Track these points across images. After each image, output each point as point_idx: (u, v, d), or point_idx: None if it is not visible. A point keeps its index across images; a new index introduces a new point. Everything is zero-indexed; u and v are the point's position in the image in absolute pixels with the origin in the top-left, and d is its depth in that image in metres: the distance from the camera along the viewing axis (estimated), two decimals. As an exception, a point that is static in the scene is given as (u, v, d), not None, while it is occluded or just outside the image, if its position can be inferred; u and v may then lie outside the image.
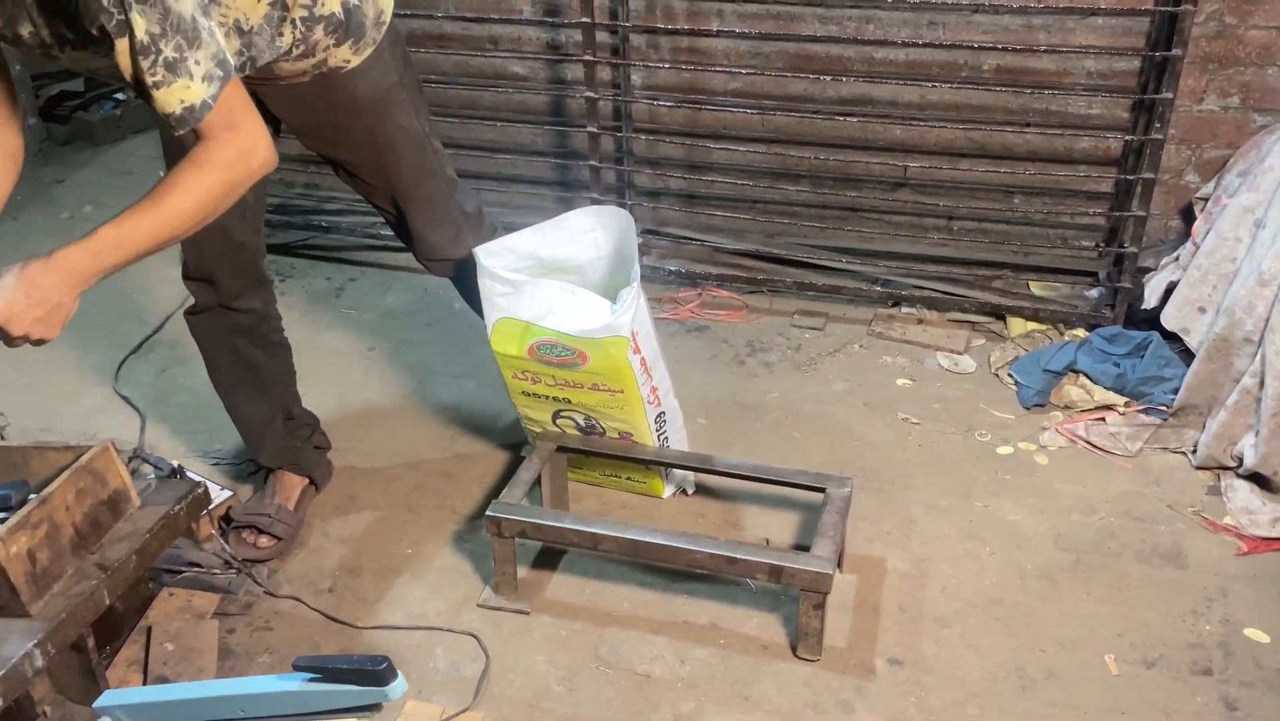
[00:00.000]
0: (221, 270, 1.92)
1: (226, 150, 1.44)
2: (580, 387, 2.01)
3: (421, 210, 1.95)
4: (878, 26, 2.76)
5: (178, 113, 1.39)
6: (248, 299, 1.99)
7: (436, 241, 2.00)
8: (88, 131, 4.24)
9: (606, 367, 1.95)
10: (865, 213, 2.98)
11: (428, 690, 1.79)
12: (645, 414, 2.04)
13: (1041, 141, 2.78)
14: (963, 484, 2.25)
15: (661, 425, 2.09)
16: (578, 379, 1.99)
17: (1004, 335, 2.75)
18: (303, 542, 2.13)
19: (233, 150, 1.44)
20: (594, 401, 2.03)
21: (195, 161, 1.43)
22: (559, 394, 2.05)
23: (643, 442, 2.10)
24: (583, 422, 2.10)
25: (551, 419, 2.12)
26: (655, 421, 2.07)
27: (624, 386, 1.98)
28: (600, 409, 2.05)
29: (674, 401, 2.14)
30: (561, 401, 2.06)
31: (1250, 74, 2.58)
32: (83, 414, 2.56)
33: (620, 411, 2.03)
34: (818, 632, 1.81)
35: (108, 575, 1.66)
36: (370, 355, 2.79)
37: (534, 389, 2.06)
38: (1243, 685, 1.77)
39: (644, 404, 2.02)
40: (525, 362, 2.00)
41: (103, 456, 1.74)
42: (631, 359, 1.94)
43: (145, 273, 3.20)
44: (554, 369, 1.99)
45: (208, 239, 1.75)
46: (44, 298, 1.41)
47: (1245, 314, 2.19)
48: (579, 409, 2.07)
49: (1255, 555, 2.04)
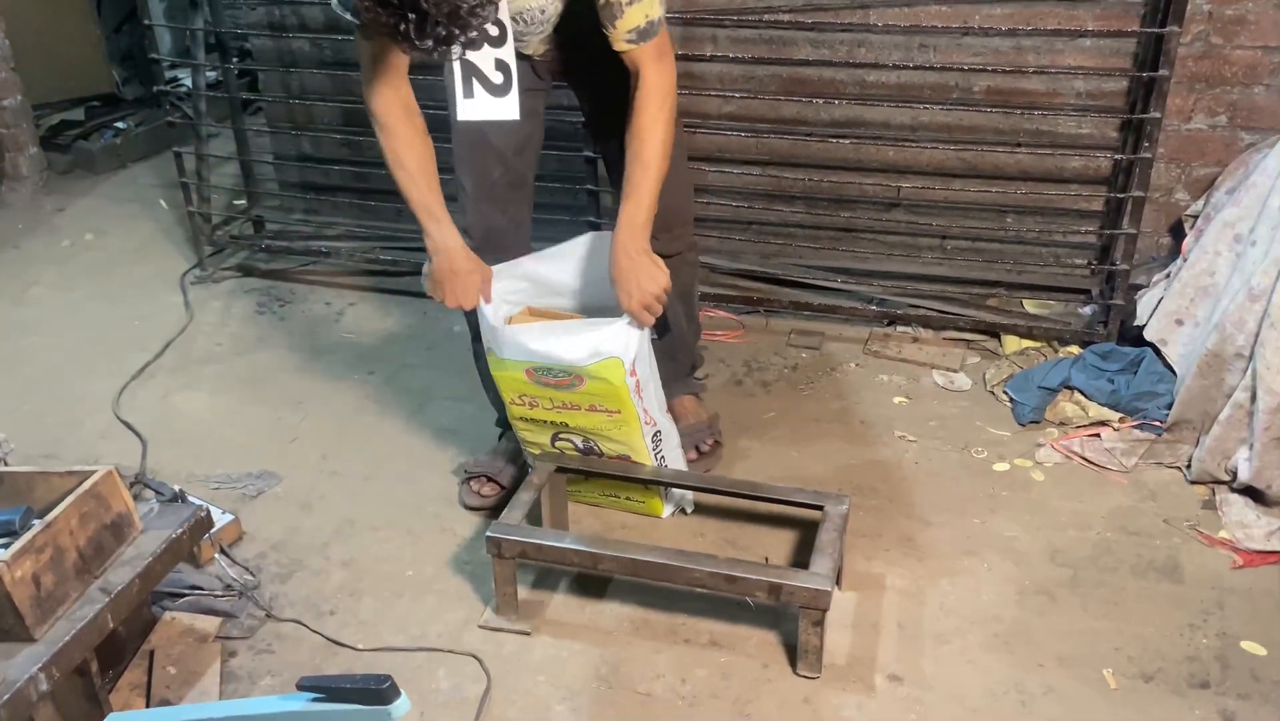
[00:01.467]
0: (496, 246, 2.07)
1: (664, 79, 1.80)
2: (578, 410, 2.03)
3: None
4: (869, 50, 2.80)
5: (642, 25, 1.74)
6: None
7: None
8: (88, 160, 4.28)
9: (603, 390, 1.96)
10: (860, 233, 3.00)
11: (430, 711, 1.80)
12: (642, 434, 2.05)
13: (1032, 161, 2.81)
14: (960, 500, 2.27)
15: (658, 443, 2.11)
16: (575, 400, 2.01)
17: (999, 353, 2.77)
18: (304, 565, 2.14)
19: (667, 80, 1.81)
20: (591, 424, 2.05)
21: (654, 99, 1.79)
22: (556, 417, 2.06)
23: (640, 461, 2.11)
24: (581, 445, 2.12)
25: (550, 441, 2.14)
26: (652, 441, 2.09)
27: (620, 407, 2.00)
28: (598, 431, 2.06)
29: (668, 420, 2.16)
30: (559, 425, 2.08)
31: (1237, 93, 2.61)
32: (85, 440, 2.58)
33: (618, 432, 2.05)
34: (817, 650, 1.82)
35: (111, 599, 1.67)
36: (370, 378, 2.81)
37: (531, 414, 2.08)
38: (1240, 697, 1.78)
39: (641, 424, 2.03)
40: (523, 385, 2.02)
41: (106, 481, 1.75)
42: (628, 381, 1.96)
43: (146, 300, 3.23)
44: (551, 390, 2.00)
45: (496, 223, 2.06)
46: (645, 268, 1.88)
47: (1236, 329, 2.22)
48: (577, 432, 2.09)
49: (1251, 568, 2.06)
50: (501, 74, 1.77)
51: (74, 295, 3.32)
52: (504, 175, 2.07)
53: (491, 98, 1.78)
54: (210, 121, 3.43)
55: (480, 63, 1.76)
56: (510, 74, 1.78)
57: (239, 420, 2.65)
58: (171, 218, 3.80)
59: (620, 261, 1.89)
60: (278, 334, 3.06)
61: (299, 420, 2.63)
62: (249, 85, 3.85)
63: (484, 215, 2.09)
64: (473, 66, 1.77)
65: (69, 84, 4.59)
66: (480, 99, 1.78)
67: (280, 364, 2.90)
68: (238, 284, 3.34)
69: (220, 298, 3.27)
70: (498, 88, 1.79)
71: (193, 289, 3.31)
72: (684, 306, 2.31)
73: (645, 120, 1.82)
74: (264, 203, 3.60)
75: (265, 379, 2.83)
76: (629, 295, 1.90)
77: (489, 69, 1.77)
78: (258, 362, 2.91)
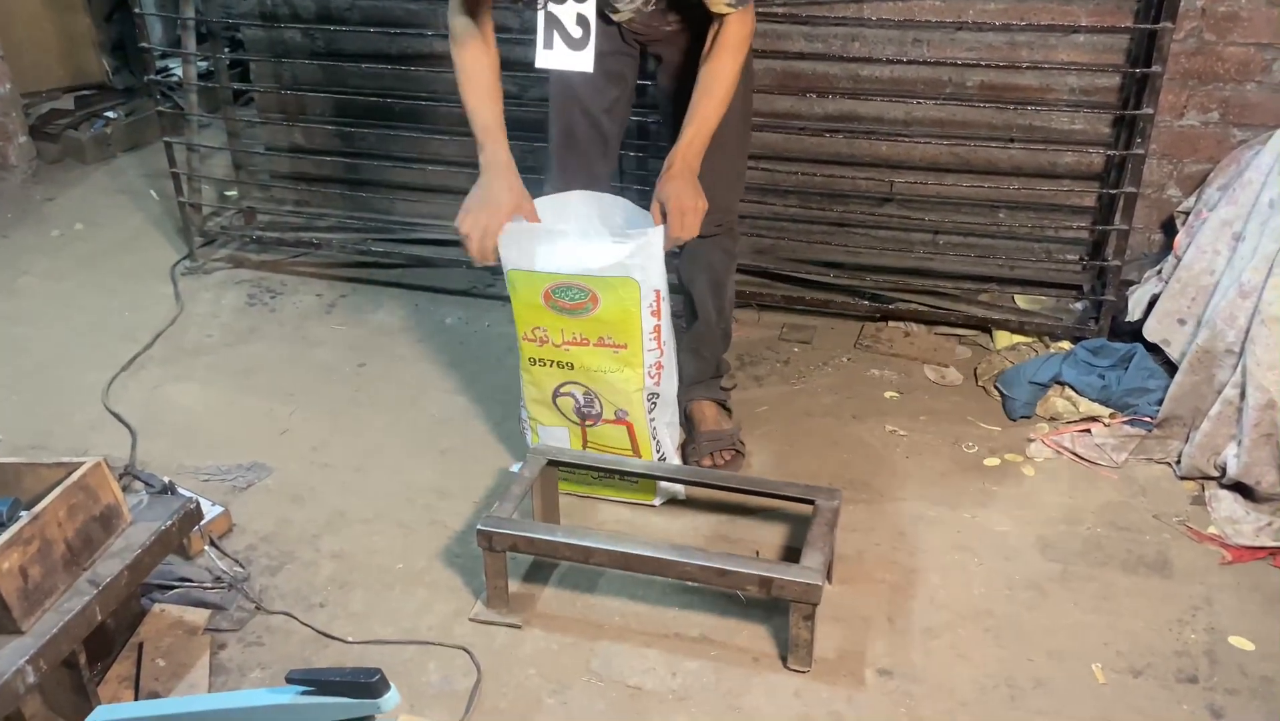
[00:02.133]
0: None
1: (745, 28, 1.93)
2: (586, 344, 2.04)
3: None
4: (863, 44, 2.80)
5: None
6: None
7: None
8: (78, 150, 4.25)
9: (615, 317, 1.99)
10: (852, 227, 3.00)
11: (420, 704, 1.80)
12: (643, 384, 2.06)
13: (1025, 157, 2.81)
14: (951, 495, 2.27)
15: (653, 404, 2.11)
16: (585, 331, 2.02)
17: (990, 348, 2.78)
18: (294, 557, 2.14)
19: (748, 28, 1.94)
20: (596, 364, 2.06)
21: (728, 48, 1.93)
22: (564, 357, 2.08)
23: (636, 421, 2.12)
24: (581, 400, 2.12)
25: (552, 397, 2.14)
26: (649, 399, 2.09)
27: (628, 340, 2.01)
28: (601, 375, 2.07)
29: (672, 391, 2.16)
30: (565, 367, 2.09)
31: (1229, 90, 2.62)
32: (75, 431, 2.56)
33: (619, 378, 2.06)
34: (808, 644, 1.83)
35: (99, 591, 1.66)
36: (362, 371, 2.80)
37: (540, 352, 2.09)
38: (1228, 693, 1.79)
39: (644, 369, 2.05)
40: (540, 312, 2.04)
41: (95, 473, 1.75)
42: (643, 305, 1.98)
43: (136, 291, 3.22)
44: (565, 317, 2.02)
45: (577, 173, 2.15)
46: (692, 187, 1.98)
47: (1226, 325, 2.22)
48: (580, 379, 2.09)
49: (1239, 564, 2.06)
50: (581, 29, 1.86)
51: (64, 286, 3.30)
52: (589, 131, 2.16)
53: (569, 50, 1.87)
54: (201, 112, 3.41)
55: (563, 16, 1.84)
56: (589, 30, 1.87)
57: (229, 412, 2.64)
58: (162, 208, 3.78)
59: (669, 177, 1.97)
60: (269, 325, 3.04)
61: (290, 412, 2.63)
62: (240, 75, 3.82)
63: (564, 166, 2.18)
64: (555, 19, 1.85)
65: (59, 73, 4.56)
66: (558, 50, 1.87)
67: (271, 355, 2.89)
68: (228, 275, 3.33)
69: (211, 289, 3.25)
70: (576, 41, 1.87)
71: (183, 280, 3.29)
72: (714, 299, 2.32)
73: (724, 60, 1.94)
74: (255, 194, 3.58)
75: (256, 370, 2.82)
76: (671, 202, 1.95)
77: (570, 23, 1.85)
78: (248, 354, 2.90)
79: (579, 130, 2.16)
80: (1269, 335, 2.13)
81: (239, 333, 3.01)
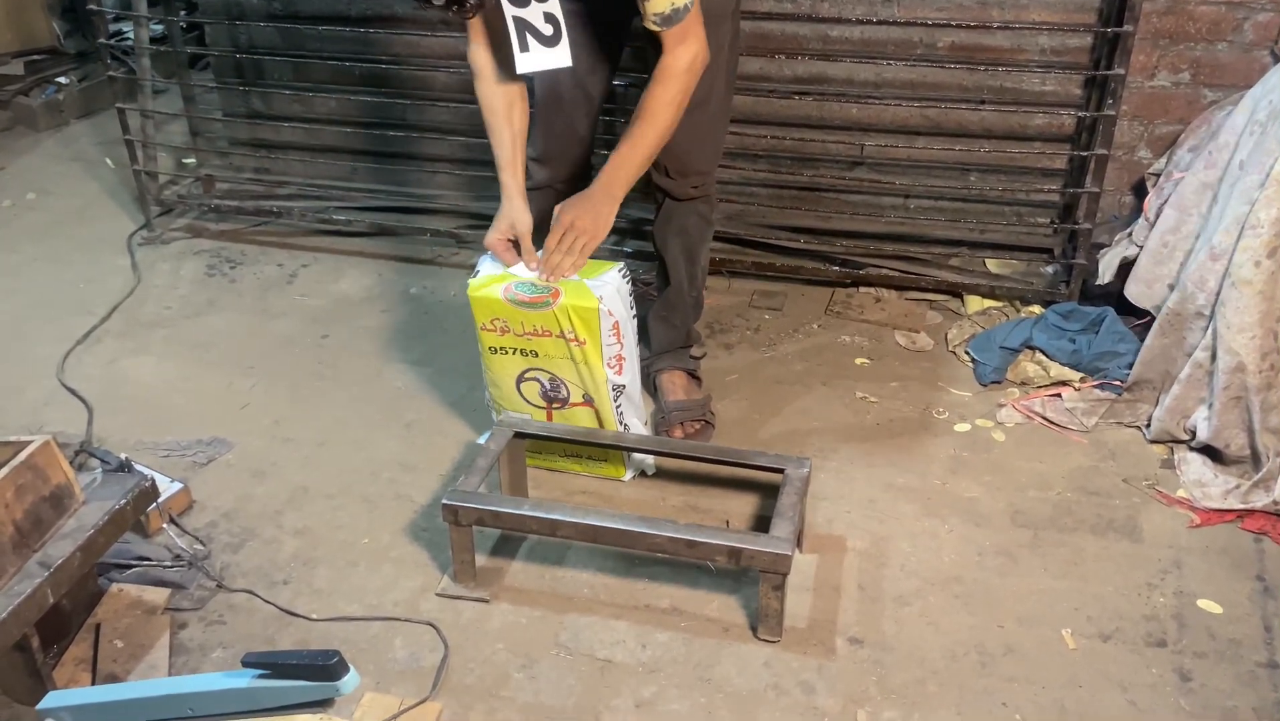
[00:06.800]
0: (560, 157, 2.23)
1: (678, 61, 1.90)
2: (548, 336, 2.01)
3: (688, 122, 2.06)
4: (833, 4, 2.75)
5: (667, 11, 1.84)
6: (574, 182, 2.22)
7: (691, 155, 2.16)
8: (29, 116, 4.13)
9: (577, 306, 1.96)
10: (823, 192, 2.97)
11: (386, 681, 1.77)
12: (605, 376, 2.03)
13: (996, 119, 2.79)
14: (921, 462, 2.26)
15: (619, 396, 2.08)
16: (546, 324, 1.99)
17: (961, 313, 2.76)
18: (256, 534, 2.10)
19: (682, 61, 1.90)
20: (559, 353, 2.03)
21: (663, 78, 1.91)
22: (526, 345, 2.04)
23: (602, 408, 2.09)
24: (547, 385, 2.08)
25: (516, 383, 2.10)
26: (613, 391, 2.06)
27: (588, 337, 1.98)
28: (565, 363, 2.04)
29: (637, 384, 2.13)
30: (529, 355, 2.05)
31: (1200, 49, 2.59)
32: (28, 407, 2.50)
33: (584, 367, 2.03)
34: (778, 614, 1.81)
35: (50, 573, 1.62)
36: (324, 342, 2.75)
37: (501, 341, 2.05)
38: (1196, 656, 1.79)
39: (604, 364, 2.02)
40: (499, 305, 2.00)
41: (43, 451, 1.69)
42: (600, 310, 1.96)
43: (91, 263, 3.14)
44: (525, 311, 1.98)
45: (560, 132, 2.19)
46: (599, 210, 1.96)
47: (1197, 288, 2.21)
48: (544, 367, 2.06)
49: (1208, 527, 2.07)
50: (550, 25, 1.88)
51: (15, 257, 3.21)
52: (572, 90, 2.16)
53: (545, 49, 1.89)
54: (156, 77, 3.31)
55: (530, 18, 1.86)
56: (559, 25, 1.87)
57: (188, 385, 2.58)
58: (117, 177, 3.68)
59: (582, 195, 1.98)
60: (228, 296, 2.98)
61: (250, 385, 2.57)
62: (196, 39, 3.72)
63: (548, 122, 2.20)
64: (525, 22, 1.87)
65: (7, 37, 4.41)
66: (535, 51, 1.89)
67: (231, 327, 2.82)
68: (187, 245, 3.25)
69: (169, 259, 3.18)
70: (548, 39, 1.89)
71: (140, 250, 3.21)
72: (687, 265, 2.31)
73: (657, 87, 1.92)
74: (213, 161, 3.50)
75: (215, 343, 2.75)
76: (564, 215, 1.96)
77: (539, 23, 1.87)
78: (208, 326, 2.83)
79: (563, 89, 2.15)
80: (1239, 297, 2.12)
81: (198, 304, 2.94)
